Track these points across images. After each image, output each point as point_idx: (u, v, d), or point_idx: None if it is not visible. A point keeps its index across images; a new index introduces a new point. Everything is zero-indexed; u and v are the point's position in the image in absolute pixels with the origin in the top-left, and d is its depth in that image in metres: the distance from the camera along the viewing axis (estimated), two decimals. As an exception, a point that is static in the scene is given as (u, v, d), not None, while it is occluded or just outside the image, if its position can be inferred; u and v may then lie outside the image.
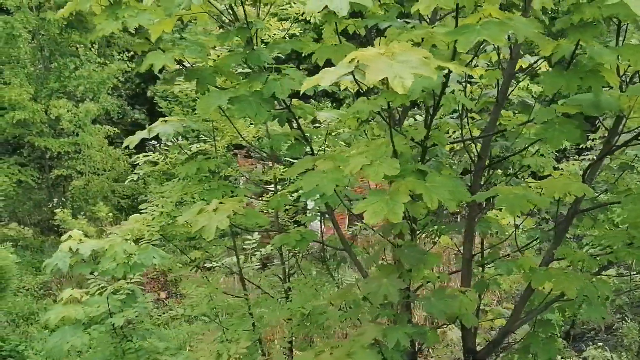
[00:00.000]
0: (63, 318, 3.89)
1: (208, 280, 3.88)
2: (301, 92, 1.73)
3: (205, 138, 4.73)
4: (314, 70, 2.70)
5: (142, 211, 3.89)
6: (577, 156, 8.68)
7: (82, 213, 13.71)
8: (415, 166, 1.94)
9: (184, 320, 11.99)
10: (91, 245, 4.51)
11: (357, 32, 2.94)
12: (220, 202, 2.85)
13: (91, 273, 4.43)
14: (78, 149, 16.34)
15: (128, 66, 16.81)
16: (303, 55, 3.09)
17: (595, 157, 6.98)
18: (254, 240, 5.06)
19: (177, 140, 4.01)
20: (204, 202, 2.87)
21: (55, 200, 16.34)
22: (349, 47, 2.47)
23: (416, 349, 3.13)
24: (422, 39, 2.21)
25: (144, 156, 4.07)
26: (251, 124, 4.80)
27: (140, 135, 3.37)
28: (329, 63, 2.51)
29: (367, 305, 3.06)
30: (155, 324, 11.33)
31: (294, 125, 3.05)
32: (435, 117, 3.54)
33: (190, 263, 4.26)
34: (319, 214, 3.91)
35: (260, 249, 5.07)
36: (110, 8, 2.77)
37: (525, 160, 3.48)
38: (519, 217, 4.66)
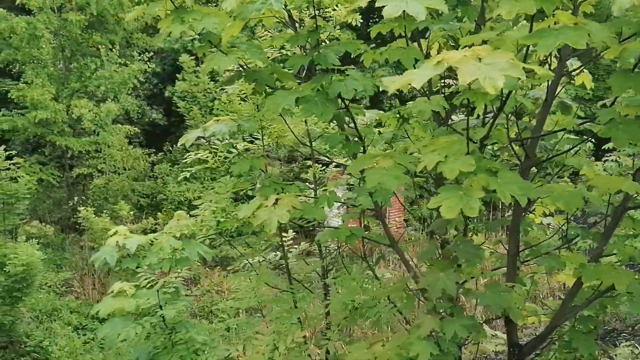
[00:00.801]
0: (114, 310, 4.01)
1: (256, 274, 3.99)
2: (390, 92, 1.83)
3: (243, 137, 4.83)
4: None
5: (197, 207, 3.97)
6: (593, 157, 8.73)
7: (104, 211, 13.89)
8: (488, 163, 2.04)
9: (227, 314, 12.17)
10: (137, 240, 4.65)
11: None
12: (278, 198, 2.97)
13: (137, 268, 4.55)
14: (98, 148, 16.57)
15: (148, 66, 17.03)
16: (352, 56, 3.20)
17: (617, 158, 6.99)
18: (290, 237, 5.17)
19: (225, 140, 4.12)
20: (261, 197, 2.98)
21: (75, 198, 16.57)
22: (415, 50, 2.58)
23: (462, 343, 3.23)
24: (483, 41, 2.31)
25: (195, 154, 4.19)
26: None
27: (195, 133, 3.49)
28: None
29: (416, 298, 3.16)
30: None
31: (345, 125, 3.16)
32: (471, 117, 3.62)
33: (239, 257, 4.37)
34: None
35: (295, 246, 5.18)
36: (176, 12, 2.89)
37: (568, 160, 3.56)
38: (551, 215, 4.75)
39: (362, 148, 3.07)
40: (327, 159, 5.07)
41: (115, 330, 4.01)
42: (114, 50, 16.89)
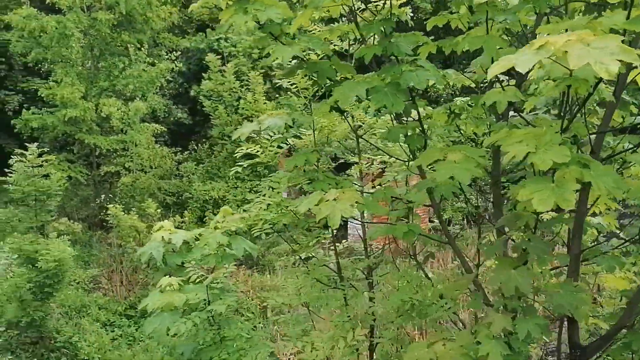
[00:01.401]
0: (162, 304, 4.00)
1: (308, 271, 3.94)
2: (488, 78, 1.77)
3: (289, 132, 4.79)
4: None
5: (254, 201, 3.93)
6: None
7: (132, 209, 14.01)
8: (579, 155, 1.96)
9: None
10: (182, 235, 4.65)
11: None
12: (339, 193, 2.91)
13: (181, 264, 4.55)
14: (125, 146, 16.72)
15: (175, 65, 17.15)
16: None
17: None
18: (329, 234, 5.12)
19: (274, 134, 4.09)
20: (321, 192, 2.93)
21: (102, 196, 16.75)
22: (497, 38, 2.51)
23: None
24: (566, 29, 2.23)
25: (247, 148, 4.15)
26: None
27: (250, 127, 3.45)
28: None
29: (478, 295, 3.08)
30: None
31: (407, 118, 3.09)
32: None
33: (293, 253, 4.33)
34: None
35: (337, 244, 5.12)
36: (239, 3, 2.86)
37: (629, 157, 3.44)
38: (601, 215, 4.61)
39: (424, 142, 3.00)
40: (368, 156, 5.01)
41: (164, 325, 4.00)
42: (142, 49, 17.05)
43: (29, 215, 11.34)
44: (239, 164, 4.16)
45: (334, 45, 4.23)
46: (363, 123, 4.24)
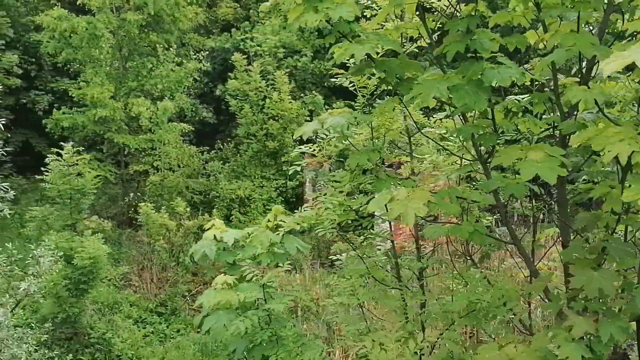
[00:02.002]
0: (218, 302, 4.02)
1: (368, 270, 3.92)
2: (605, 75, 1.73)
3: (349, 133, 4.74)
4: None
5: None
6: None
7: (161, 208, 14.14)
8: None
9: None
10: (233, 234, 4.67)
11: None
12: (410, 192, 2.89)
13: (232, 263, 4.56)
14: (153, 145, 16.90)
15: (203, 65, 17.27)
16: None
17: None
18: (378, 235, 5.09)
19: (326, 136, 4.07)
20: (388, 191, 2.91)
21: (131, 195, 16.94)
22: (589, 36, 2.46)
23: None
24: None
25: (308, 147, 4.14)
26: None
27: (312, 126, 3.44)
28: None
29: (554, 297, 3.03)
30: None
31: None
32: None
33: (351, 252, 4.31)
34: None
35: (382, 244, 5.09)
36: (308, 2, 2.85)
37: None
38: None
39: (497, 141, 2.96)
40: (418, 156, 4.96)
41: (221, 323, 4.02)
42: (171, 49, 17.21)
43: (63, 213, 11.52)
44: (297, 163, 4.15)
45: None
46: (416, 122, 4.20)
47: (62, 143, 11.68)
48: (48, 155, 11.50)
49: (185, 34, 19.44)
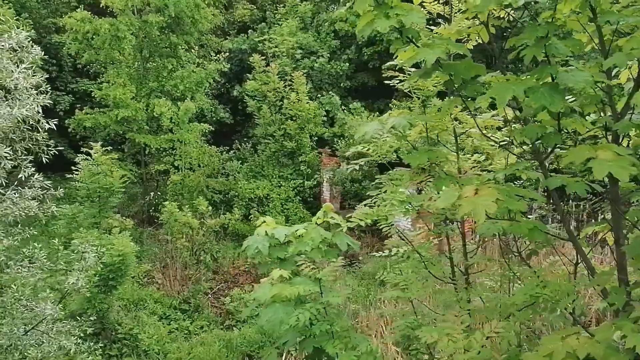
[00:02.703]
0: (273, 296, 4.19)
1: (425, 265, 4.06)
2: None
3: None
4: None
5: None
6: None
7: (185, 207, 14.35)
8: None
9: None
10: (284, 230, 4.84)
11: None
12: (477, 189, 3.03)
13: (282, 259, 4.72)
14: (173, 145, 17.13)
15: (224, 66, 17.48)
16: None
17: None
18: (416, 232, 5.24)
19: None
20: (453, 189, 3.05)
21: (151, 194, 17.18)
22: None
23: None
24: None
25: (362, 146, 4.30)
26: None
27: (373, 126, 3.60)
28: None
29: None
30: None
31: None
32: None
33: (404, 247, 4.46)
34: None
35: (423, 240, 5.23)
36: (379, 8, 3.01)
37: None
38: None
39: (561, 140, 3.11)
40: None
41: (277, 316, 4.19)
42: (193, 50, 17.44)
43: (92, 212, 11.74)
44: (355, 162, 4.31)
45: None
46: (461, 122, 4.35)
47: (81, 143, 11.92)
48: (69, 154, 11.77)
49: (204, 35, 19.67)
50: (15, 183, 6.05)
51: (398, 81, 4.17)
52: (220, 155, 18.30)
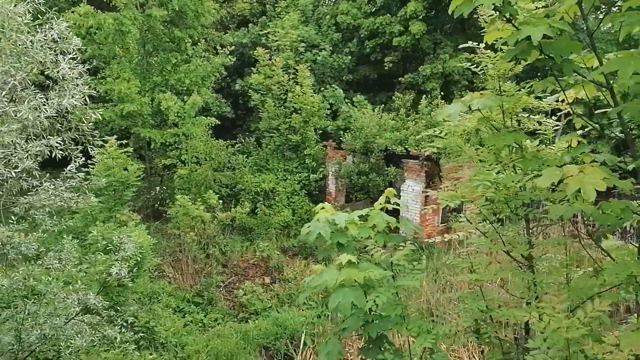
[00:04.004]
0: (344, 280, 4.26)
1: (506, 249, 4.13)
2: None
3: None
4: None
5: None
6: None
7: (198, 200, 14.34)
8: None
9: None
10: (344, 216, 4.92)
11: None
12: (581, 168, 3.12)
13: (340, 244, 4.80)
14: (179, 140, 17.07)
15: (230, 60, 17.44)
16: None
17: None
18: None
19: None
20: (555, 168, 3.11)
21: (157, 188, 17.11)
22: None
23: None
24: None
25: (435, 130, 4.36)
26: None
27: (457, 107, 3.64)
28: None
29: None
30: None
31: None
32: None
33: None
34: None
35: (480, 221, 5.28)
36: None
37: None
38: None
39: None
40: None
41: (348, 299, 4.26)
42: (199, 44, 17.36)
43: (108, 205, 11.70)
44: (431, 144, 4.36)
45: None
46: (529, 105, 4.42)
47: (107, 137, 11.84)
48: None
49: (206, 29, 19.60)
50: (66, 173, 6.05)
51: (473, 64, 4.23)
52: (227, 149, 18.29)
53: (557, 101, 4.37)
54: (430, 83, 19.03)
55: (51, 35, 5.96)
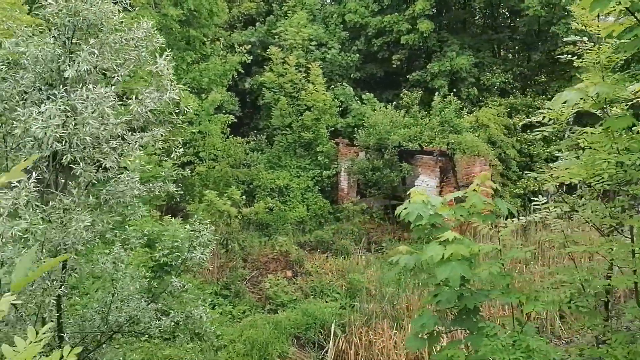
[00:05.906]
0: (451, 255, 4.73)
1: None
2: None
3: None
4: None
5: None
6: None
7: (223, 196, 14.66)
8: None
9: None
10: (439, 198, 5.39)
11: None
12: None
13: (433, 225, 5.27)
14: (195, 137, 17.34)
15: (247, 58, 17.77)
16: None
17: None
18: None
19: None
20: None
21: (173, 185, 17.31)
22: None
23: None
24: None
25: (541, 112, 4.78)
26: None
27: (574, 95, 4.07)
28: None
29: None
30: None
31: None
32: None
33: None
34: None
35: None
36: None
37: None
38: None
39: None
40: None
41: (455, 272, 4.73)
42: (217, 42, 17.65)
43: (143, 199, 11.97)
44: (538, 130, 4.80)
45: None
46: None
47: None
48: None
49: (217, 27, 19.89)
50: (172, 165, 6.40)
51: (574, 56, 4.67)
52: (244, 146, 18.60)
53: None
54: (438, 80, 19.62)
55: (140, 34, 6.32)
